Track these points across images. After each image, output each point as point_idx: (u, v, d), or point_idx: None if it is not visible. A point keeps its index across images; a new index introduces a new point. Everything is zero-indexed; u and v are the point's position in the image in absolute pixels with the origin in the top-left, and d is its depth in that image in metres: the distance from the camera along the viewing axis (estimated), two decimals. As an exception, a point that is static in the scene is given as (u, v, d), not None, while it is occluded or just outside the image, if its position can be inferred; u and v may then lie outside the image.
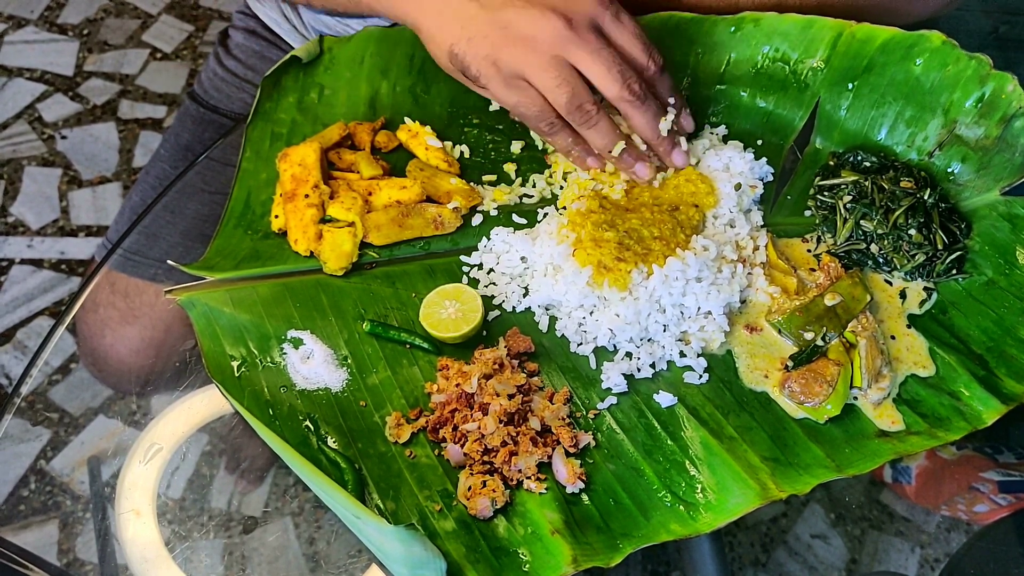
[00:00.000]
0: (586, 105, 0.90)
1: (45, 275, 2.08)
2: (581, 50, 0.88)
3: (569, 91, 0.88)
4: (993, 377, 0.86)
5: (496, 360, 0.85)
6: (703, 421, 0.84)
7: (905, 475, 1.02)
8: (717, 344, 0.89)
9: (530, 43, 0.87)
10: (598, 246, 0.89)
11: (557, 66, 0.88)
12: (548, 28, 0.87)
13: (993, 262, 0.94)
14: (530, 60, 0.88)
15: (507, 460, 0.80)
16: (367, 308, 0.91)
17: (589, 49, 0.88)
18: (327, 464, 0.81)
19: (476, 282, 0.94)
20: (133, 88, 2.43)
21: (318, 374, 0.86)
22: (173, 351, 0.94)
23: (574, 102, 0.89)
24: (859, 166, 0.99)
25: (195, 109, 1.30)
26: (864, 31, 1.00)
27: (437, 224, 0.96)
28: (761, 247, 0.94)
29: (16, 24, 2.56)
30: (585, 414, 0.85)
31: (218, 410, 0.91)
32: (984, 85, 0.95)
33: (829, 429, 0.84)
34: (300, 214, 0.93)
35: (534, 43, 0.87)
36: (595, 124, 0.92)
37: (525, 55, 0.87)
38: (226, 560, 0.86)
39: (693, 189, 0.95)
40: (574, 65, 0.88)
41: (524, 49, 0.87)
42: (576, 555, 0.75)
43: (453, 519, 0.79)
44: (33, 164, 2.27)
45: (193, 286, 0.91)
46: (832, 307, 0.89)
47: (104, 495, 0.89)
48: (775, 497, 0.78)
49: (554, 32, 0.87)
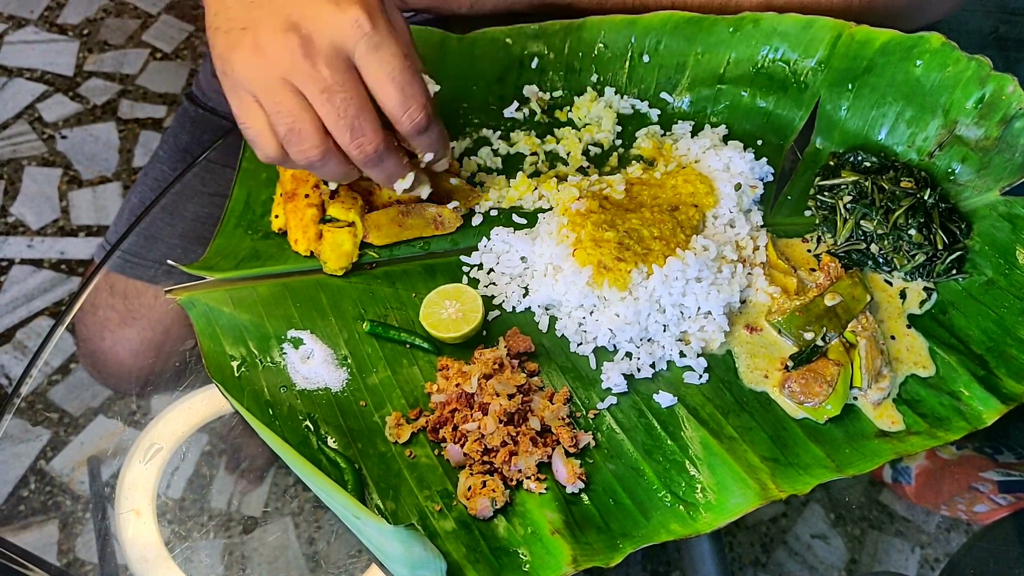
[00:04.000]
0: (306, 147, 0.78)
1: (45, 275, 2.08)
2: (309, 83, 0.75)
3: (288, 124, 0.77)
4: (993, 377, 0.86)
5: (496, 360, 0.85)
6: (703, 421, 0.84)
7: (905, 475, 1.02)
8: (717, 344, 0.89)
9: (260, 57, 0.76)
10: (598, 246, 0.89)
11: (283, 91, 0.76)
12: (280, 49, 0.75)
13: (993, 262, 0.94)
14: (257, 75, 0.76)
15: (507, 460, 0.80)
16: (367, 308, 0.91)
17: (319, 87, 0.75)
18: (327, 464, 0.81)
19: (476, 282, 0.94)
20: (133, 88, 2.43)
21: (318, 374, 0.86)
22: (173, 351, 0.94)
23: (291, 138, 0.78)
24: (859, 166, 1.00)
25: (193, 111, 1.29)
26: (863, 32, 1.00)
27: (437, 224, 0.96)
28: (761, 247, 0.94)
29: (16, 24, 2.56)
30: (585, 414, 0.85)
31: (218, 410, 0.91)
32: (984, 86, 0.95)
33: (829, 429, 0.84)
34: (300, 214, 0.93)
35: (264, 59, 0.75)
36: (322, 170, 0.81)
37: (253, 68, 0.76)
38: (226, 560, 0.86)
39: (693, 189, 0.96)
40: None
41: (253, 61, 0.76)
42: (576, 555, 0.75)
43: (453, 519, 0.79)
44: (33, 164, 2.27)
45: (193, 286, 0.91)
46: (832, 307, 0.89)
47: (104, 495, 0.89)
48: (775, 497, 0.78)
49: (285, 55, 0.75)
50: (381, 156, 0.81)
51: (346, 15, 0.75)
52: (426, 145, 0.85)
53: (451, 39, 1.07)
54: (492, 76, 1.07)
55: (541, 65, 1.07)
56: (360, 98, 0.77)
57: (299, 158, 0.80)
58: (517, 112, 1.06)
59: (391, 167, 0.83)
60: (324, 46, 0.75)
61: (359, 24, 0.75)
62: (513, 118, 1.06)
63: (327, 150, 0.79)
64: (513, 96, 1.07)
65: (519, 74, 1.08)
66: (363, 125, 0.78)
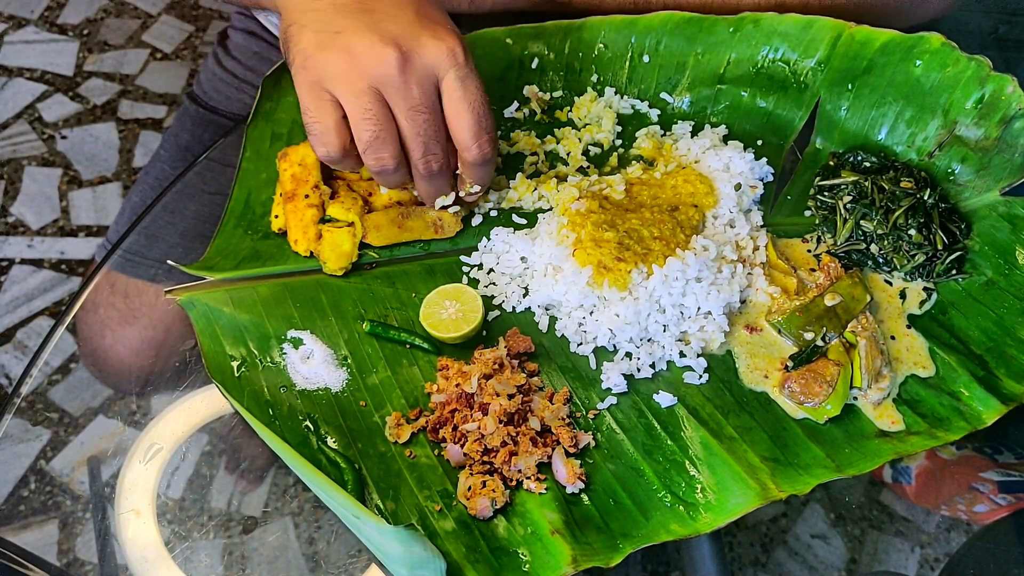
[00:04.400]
0: (386, 155, 0.83)
1: (45, 275, 2.08)
2: (399, 98, 0.80)
3: (374, 131, 0.82)
4: (993, 377, 0.86)
5: (496, 360, 0.85)
6: (703, 421, 0.84)
7: (905, 475, 1.02)
8: (717, 344, 0.89)
9: (352, 61, 0.80)
10: (598, 246, 0.89)
11: (372, 99, 0.81)
12: (376, 58, 0.79)
13: (993, 262, 0.94)
14: (345, 77, 0.80)
15: (507, 460, 0.80)
16: (367, 308, 0.91)
17: (408, 104, 0.81)
18: (327, 464, 0.81)
19: (476, 282, 0.94)
20: (133, 88, 2.43)
21: (318, 374, 0.86)
22: (173, 351, 0.94)
23: (375, 144, 0.83)
24: (859, 166, 1.00)
25: (194, 110, 1.30)
26: (863, 32, 1.00)
27: (437, 228, 0.95)
28: (761, 247, 0.94)
29: (16, 24, 2.56)
30: (585, 414, 0.85)
31: (218, 410, 0.91)
32: (984, 86, 0.95)
33: (829, 429, 0.84)
34: (300, 214, 0.93)
35: (356, 63, 0.80)
36: (387, 177, 0.86)
37: (342, 70, 0.80)
38: (226, 560, 0.86)
39: (693, 189, 0.96)
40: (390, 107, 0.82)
41: (344, 63, 0.80)
42: (576, 555, 0.75)
43: (453, 519, 0.79)
44: (33, 164, 2.27)
45: (193, 286, 0.91)
46: (832, 307, 0.89)
47: (104, 495, 0.89)
48: (775, 497, 0.78)
49: (380, 65, 0.79)
50: (440, 174, 0.87)
51: (444, 44, 0.81)
52: (479, 176, 0.89)
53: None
54: (492, 76, 1.07)
55: (541, 65, 1.07)
56: (438, 120, 0.83)
57: (374, 163, 0.84)
58: (517, 112, 1.06)
59: (442, 185, 0.89)
60: (419, 67, 0.81)
61: (454, 55, 0.81)
62: (513, 118, 1.06)
63: (402, 161, 0.85)
64: (513, 96, 1.07)
65: (519, 74, 1.08)
66: (436, 145, 0.84)
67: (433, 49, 0.80)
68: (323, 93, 0.82)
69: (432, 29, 0.82)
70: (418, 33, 0.81)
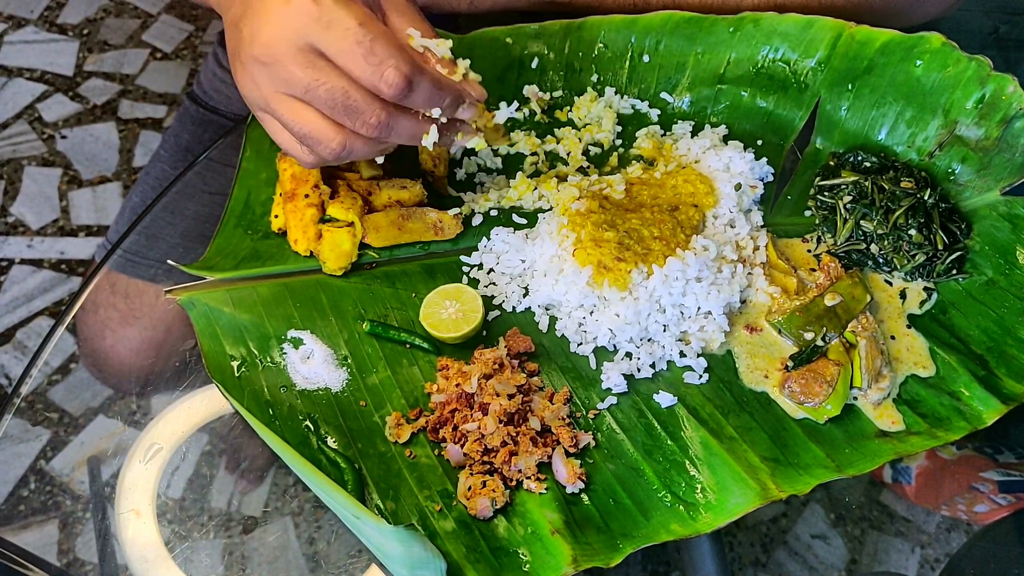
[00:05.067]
0: (324, 145, 0.81)
1: (45, 275, 2.08)
2: (293, 88, 0.78)
3: (301, 132, 0.80)
4: (993, 377, 0.86)
5: (496, 360, 0.85)
6: (703, 421, 0.84)
7: (905, 475, 1.02)
8: (717, 344, 0.89)
9: (252, 82, 0.79)
10: (598, 246, 0.89)
11: (281, 104, 0.80)
12: (256, 68, 0.78)
13: (993, 262, 0.94)
14: (256, 97, 0.80)
15: (507, 460, 0.80)
16: (367, 308, 0.91)
17: (300, 89, 0.77)
18: (327, 464, 0.81)
19: (476, 282, 0.94)
20: (133, 88, 2.43)
21: (318, 374, 0.86)
22: (173, 351, 0.94)
23: (310, 143, 0.81)
24: (859, 166, 1.00)
25: (195, 110, 1.29)
26: (863, 32, 1.00)
27: (437, 230, 0.95)
28: (761, 247, 0.94)
29: (16, 24, 2.55)
30: (585, 414, 0.85)
31: (218, 410, 0.91)
32: (984, 86, 0.95)
33: (829, 429, 0.84)
34: (300, 214, 0.93)
35: (254, 82, 0.79)
36: (350, 155, 0.82)
37: (252, 92, 0.80)
38: (226, 560, 0.86)
39: (693, 189, 0.95)
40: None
41: (250, 87, 0.80)
42: (576, 555, 0.75)
43: (453, 519, 0.79)
44: (33, 164, 2.27)
45: (193, 286, 0.91)
46: (832, 307, 0.89)
47: (104, 495, 0.89)
48: (775, 497, 0.78)
49: (263, 71, 0.78)
50: (390, 124, 0.79)
51: (290, 7, 0.75)
52: (422, 103, 0.80)
53: (451, 39, 1.06)
54: (492, 76, 1.07)
55: (541, 65, 1.07)
56: (339, 80, 0.77)
57: (327, 156, 0.81)
58: (517, 112, 1.06)
59: (405, 130, 0.82)
60: (283, 49, 0.76)
61: (304, 11, 0.74)
62: (513, 118, 1.06)
63: (344, 139, 0.80)
64: (513, 96, 1.07)
65: (519, 74, 1.08)
66: (356, 104, 0.77)
67: (284, 22, 0.75)
68: (264, 117, 0.83)
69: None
70: (268, 12, 0.76)
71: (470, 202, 0.99)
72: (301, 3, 0.75)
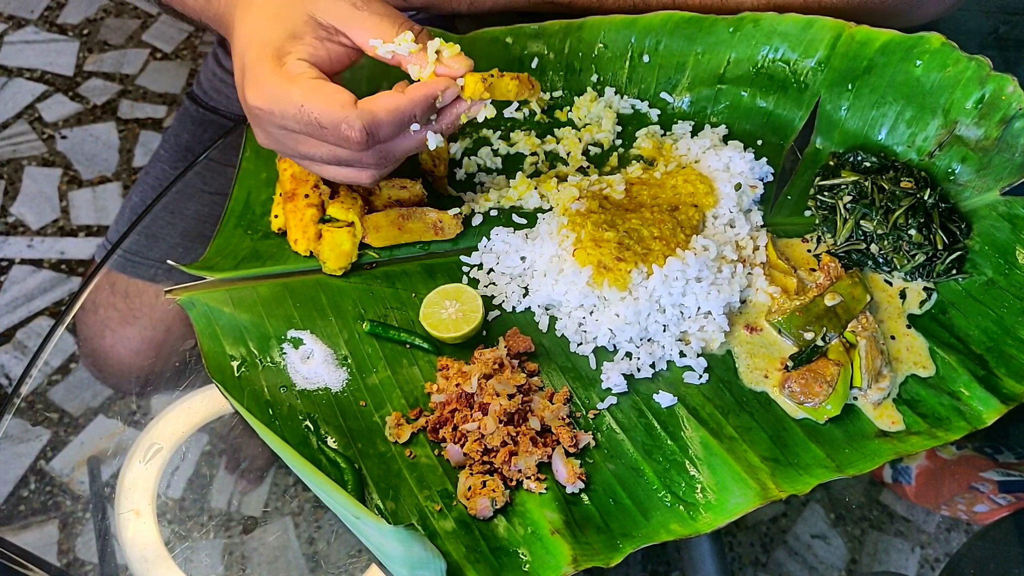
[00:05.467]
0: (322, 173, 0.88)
1: (45, 275, 2.08)
2: (281, 141, 0.84)
3: (308, 163, 0.87)
4: (993, 377, 0.86)
5: (496, 360, 0.85)
6: (703, 421, 0.84)
7: (905, 475, 1.02)
8: (717, 344, 0.89)
9: (260, 128, 0.85)
10: (598, 246, 0.89)
11: (280, 142, 0.85)
12: (255, 119, 0.84)
13: (993, 262, 0.94)
14: (267, 144, 0.87)
15: (507, 460, 0.80)
16: (367, 308, 0.91)
17: (275, 141, 0.84)
18: (327, 464, 0.81)
19: (476, 282, 0.94)
20: (133, 88, 2.43)
21: (318, 374, 0.86)
22: (173, 351, 0.94)
23: (311, 168, 0.88)
24: (859, 166, 1.00)
25: (194, 110, 1.29)
26: (863, 32, 1.00)
27: (437, 230, 0.95)
28: (761, 247, 0.94)
29: (16, 24, 2.55)
30: (585, 414, 0.85)
31: (218, 410, 0.91)
32: (984, 86, 0.95)
33: (829, 429, 0.84)
34: (300, 214, 0.93)
35: (260, 128, 0.85)
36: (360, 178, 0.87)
37: (263, 138, 0.86)
38: (226, 560, 0.86)
39: (693, 189, 0.95)
40: None
41: (259, 133, 0.85)
42: (576, 555, 0.75)
43: (453, 519, 0.79)
44: (33, 164, 2.27)
45: (193, 286, 0.91)
46: (832, 307, 0.89)
47: (104, 495, 0.89)
48: (775, 497, 0.78)
49: (257, 121, 0.84)
50: (386, 154, 0.83)
51: (261, 86, 0.80)
52: (394, 134, 0.82)
53: (450, 39, 1.06)
54: (492, 76, 1.06)
55: (541, 65, 1.07)
56: (321, 147, 0.82)
57: (368, 184, 0.88)
58: (517, 112, 1.06)
59: (404, 150, 0.85)
60: (269, 123, 0.82)
61: (264, 93, 0.80)
62: (513, 118, 1.06)
63: (366, 173, 0.85)
64: (513, 96, 1.07)
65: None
66: (347, 158, 0.82)
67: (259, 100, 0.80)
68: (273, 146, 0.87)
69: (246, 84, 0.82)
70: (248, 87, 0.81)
71: (470, 202, 0.99)
72: (262, 86, 0.80)
